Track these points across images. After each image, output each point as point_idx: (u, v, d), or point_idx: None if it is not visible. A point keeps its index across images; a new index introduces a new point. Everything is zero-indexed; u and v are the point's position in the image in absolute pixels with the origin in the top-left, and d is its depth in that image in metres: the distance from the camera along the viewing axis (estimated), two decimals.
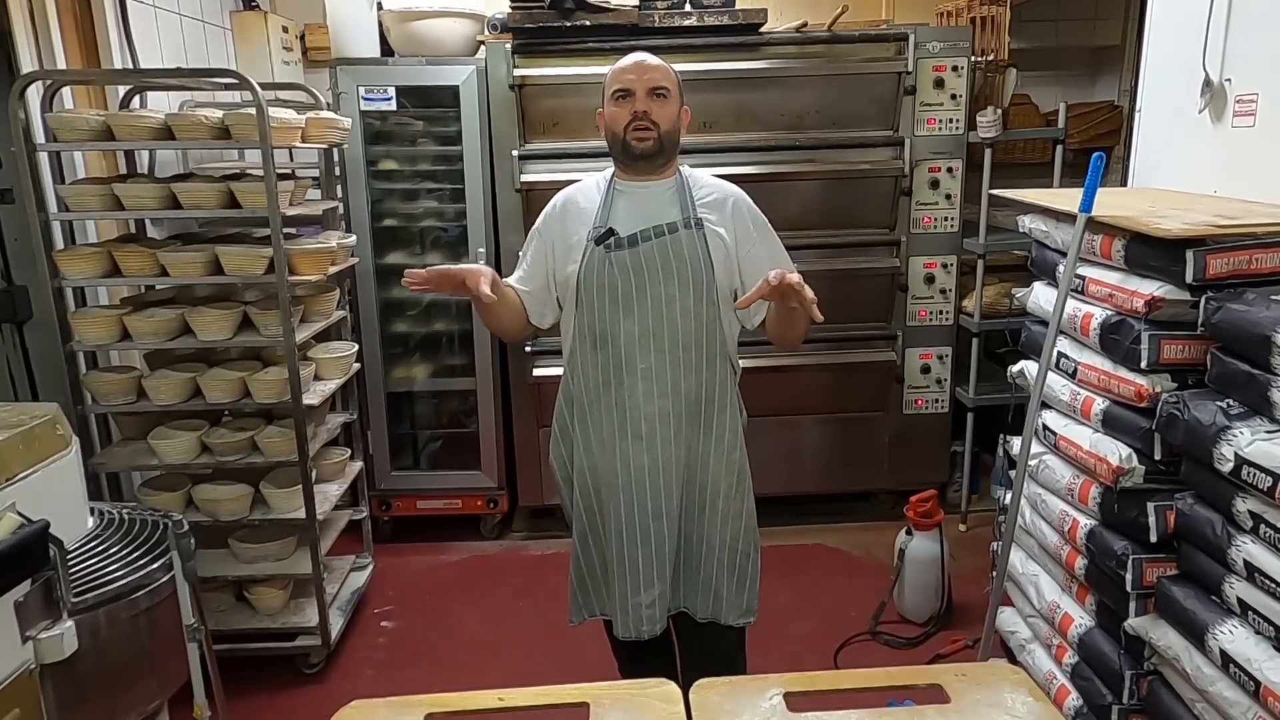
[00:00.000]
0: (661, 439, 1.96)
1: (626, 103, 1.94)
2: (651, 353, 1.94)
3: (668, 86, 1.96)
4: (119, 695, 1.89)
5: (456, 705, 1.33)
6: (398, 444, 3.78)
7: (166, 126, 2.51)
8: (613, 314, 1.95)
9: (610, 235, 1.94)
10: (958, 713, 1.29)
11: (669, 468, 1.97)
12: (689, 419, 1.98)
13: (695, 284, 1.93)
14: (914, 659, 2.89)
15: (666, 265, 1.92)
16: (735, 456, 2.03)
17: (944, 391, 3.72)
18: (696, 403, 1.98)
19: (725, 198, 2.02)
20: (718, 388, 2.00)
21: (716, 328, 1.98)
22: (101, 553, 1.93)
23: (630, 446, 1.98)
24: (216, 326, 2.62)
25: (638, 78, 1.94)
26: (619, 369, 1.97)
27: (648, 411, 1.96)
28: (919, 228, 3.56)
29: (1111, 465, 2.01)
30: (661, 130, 1.94)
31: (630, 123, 1.94)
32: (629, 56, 2.00)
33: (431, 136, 3.66)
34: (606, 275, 1.94)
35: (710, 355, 1.98)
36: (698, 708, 1.29)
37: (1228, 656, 1.68)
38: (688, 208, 1.97)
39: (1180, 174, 2.54)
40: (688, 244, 1.94)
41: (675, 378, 1.95)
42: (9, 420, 1.77)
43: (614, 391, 1.98)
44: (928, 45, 3.40)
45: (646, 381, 1.95)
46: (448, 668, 2.91)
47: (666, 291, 1.93)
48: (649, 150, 1.95)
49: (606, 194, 2.02)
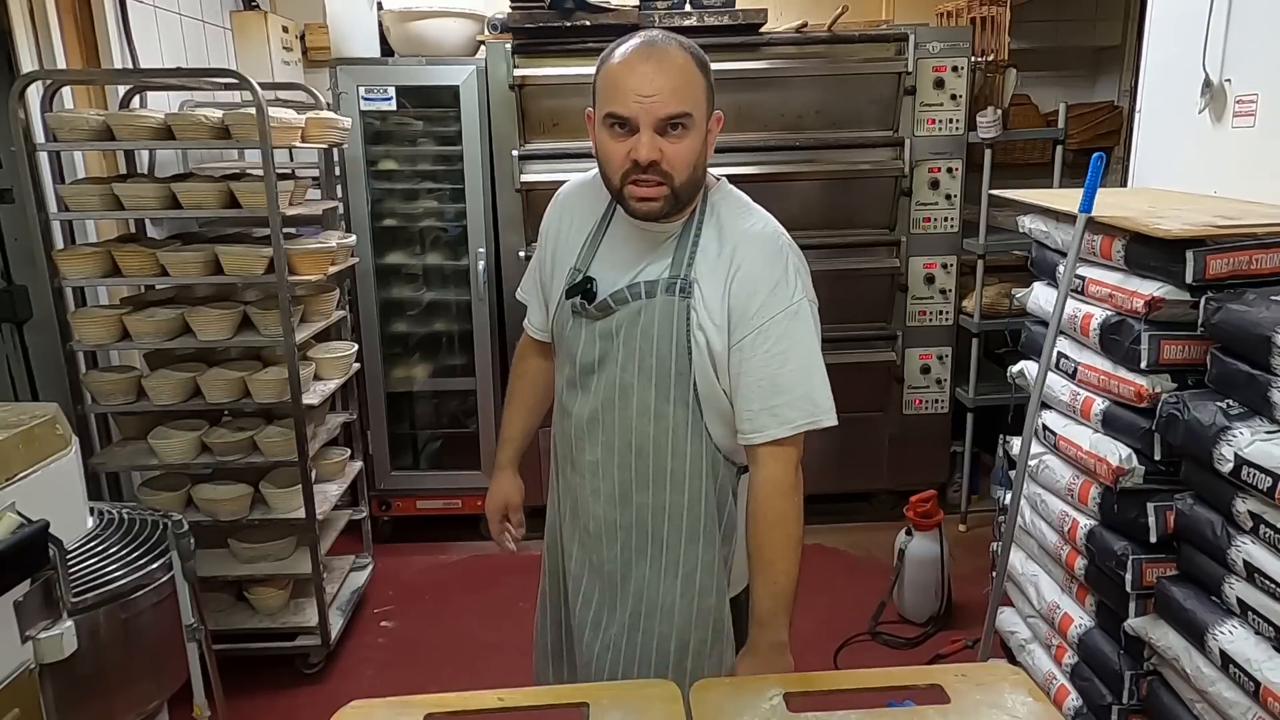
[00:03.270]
0: (609, 553, 1.53)
1: (624, 140, 1.35)
2: (599, 448, 1.50)
3: (688, 112, 1.34)
4: (119, 695, 1.89)
5: (456, 705, 1.33)
6: (398, 444, 3.78)
7: (166, 126, 2.51)
8: (569, 385, 1.55)
9: (584, 287, 1.49)
10: (958, 713, 1.29)
11: (618, 595, 1.53)
12: (649, 543, 1.50)
13: (660, 374, 1.44)
14: (914, 659, 2.89)
15: (630, 343, 1.44)
16: (710, 604, 1.50)
17: (944, 392, 3.72)
18: (657, 528, 1.50)
19: (738, 245, 1.42)
20: (687, 513, 1.48)
21: (687, 433, 1.46)
22: (101, 553, 1.93)
23: (578, 551, 1.58)
24: (216, 326, 2.62)
25: (643, 101, 1.32)
26: (571, 450, 1.56)
27: (595, 513, 1.53)
28: (919, 228, 3.56)
29: (1111, 465, 2.01)
30: (677, 183, 1.36)
31: (628, 173, 1.36)
32: (631, 47, 1.37)
33: (431, 136, 3.66)
34: (571, 339, 1.52)
35: (677, 471, 1.47)
36: (698, 707, 1.29)
37: (1227, 657, 1.68)
38: (681, 262, 1.43)
39: (1180, 174, 2.54)
40: (661, 318, 1.42)
41: (624, 487, 1.49)
42: (9, 420, 1.77)
43: (568, 474, 1.59)
44: (928, 45, 3.40)
45: (594, 478, 1.52)
46: (448, 668, 2.91)
47: (623, 379, 1.46)
48: (654, 213, 1.41)
49: (601, 222, 1.55)
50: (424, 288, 3.75)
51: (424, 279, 3.76)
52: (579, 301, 1.48)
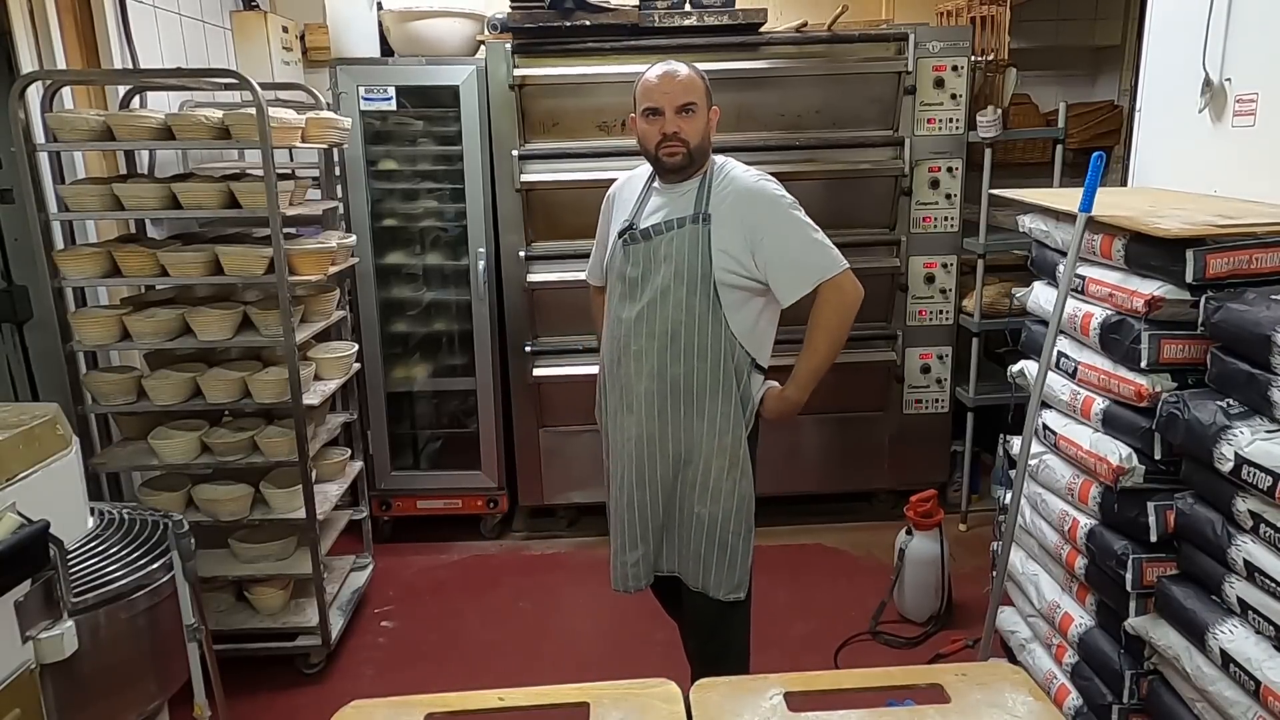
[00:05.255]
0: (647, 415, 2.12)
1: (656, 121, 2.06)
2: (643, 337, 2.11)
3: (695, 102, 2.06)
4: (119, 695, 1.89)
5: (456, 705, 1.33)
6: (398, 444, 3.78)
7: (166, 126, 2.51)
8: (620, 300, 2.16)
9: (630, 229, 2.13)
10: (958, 713, 1.29)
11: (657, 441, 2.13)
12: (682, 401, 2.11)
13: (690, 278, 2.06)
14: (914, 659, 2.89)
15: (669, 258, 2.07)
16: (727, 441, 2.11)
17: (944, 391, 3.72)
18: (688, 388, 2.10)
19: (736, 191, 2.09)
20: (709, 376, 2.09)
21: (709, 320, 2.07)
22: (101, 553, 1.93)
23: (625, 419, 2.17)
24: (216, 326, 2.62)
25: (665, 96, 2.04)
26: (621, 348, 2.16)
27: (638, 390, 2.13)
28: (919, 227, 3.56)
29: (1111, 465, 2.01)
30: (691, 146, 2.07)
31: (660, 142, 2.07)
32: (657, 69, 2.08)
33: (431, 136, 3.66)
34: (622, 265, 2.15)
35: (702, 346, 2.08)
36: (698, 707, 1.29)
37: (1228, 656, 1.68)
38: (701, 203, 2.09)
39: (1180, 174, 2.54)
40: (690, 239, 2.06)
41: (661, 362, 2.10)
42: (9, 420, 1.77)
43: (617, 368, 2.18)
44: (928, 45, 3.40)
45: (638, 362, 2.12)
46: (448, 668, 2.91)
47: (663, 283, 2.08)
48: (679, 164, 2.09)
49: (643, 191, 2.20)
50: (424, 288, 3.75)
51: (424, 279, 3.76)
52: (631, 234, 2.12)
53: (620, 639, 3.01)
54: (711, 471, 2.12)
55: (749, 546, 2.18)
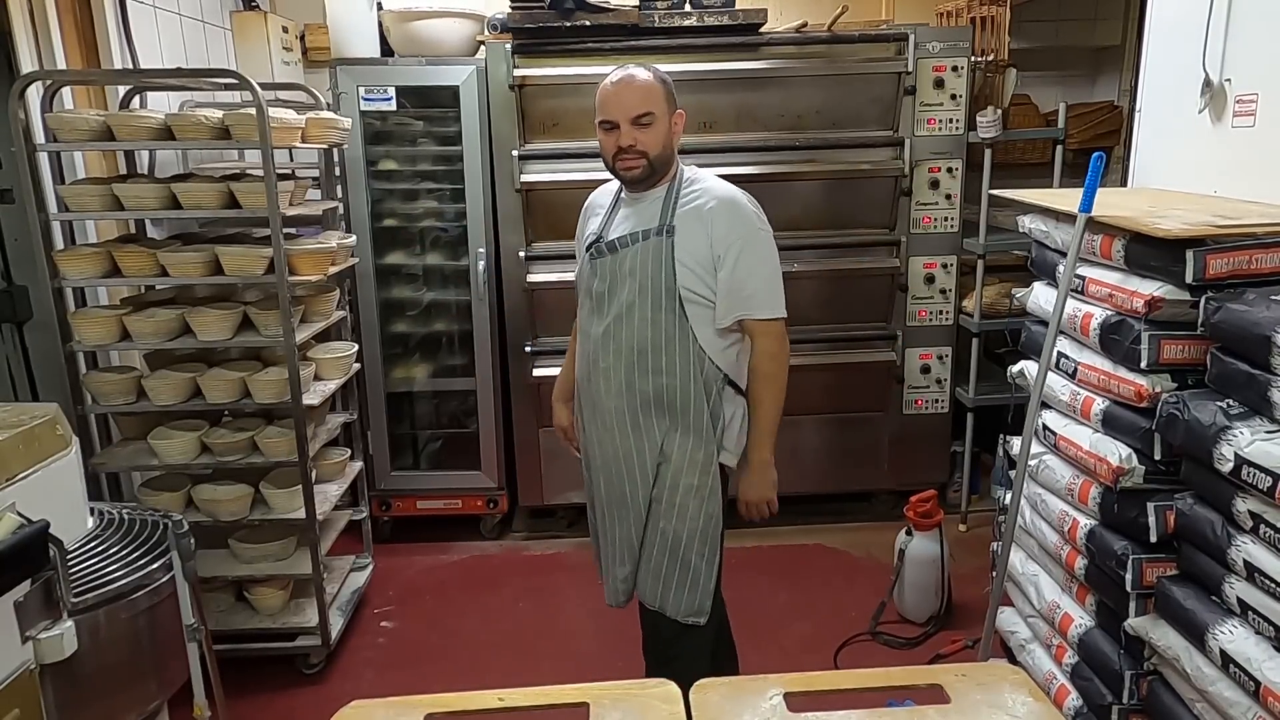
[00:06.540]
0: (619, 431, 2.08)
1: (612, 134, 1.99)
2: (610, 354, 2.06)
3: (651, 111, 1.96)
4: (119, 695, 1.89)
5: (456, 705, 1.33)
6: (398, 444, 3.78)
7: (166, 127, 2.51)
8: (589, 315, 2.12)
9: (597, 241, 2.09)
10: (958, 713, 1.29)
11: (632, 456, 2.08)
12: (654, 416, 2.05)
13: (655, 292, 2.00)
14: (914, 659, 2.89)
15: (634, 272, 2.02)
16: (699, 457, 2.05)
17: (944, 391, 3.72)
18: (658, 403, 2.04)
19: (705, 203, 2.02)
20: (679, 392, 2.03)
21: (676, 335, 2.01)
22: (101, 553, 1.93)
23: (599, 434, 2.14)
24: (216, 327, 2.62)
25: (619, 109, 1.96)
26: (590, 365, 2.12)
27: (607, 406, 2.09)
28: (919, 228, 3.56)
29: (1111, 465, 2.01)
30: (651, 156, 1.99)
31: (617, 154, 2.00)
32: (614, 76, 2.00)
33: (431, 136, 3.66)
34: (589, 280, 2.11)
35: (670, 362, 2.02)
36: (698, 707, 1.29)
37: (1228, 656, 1.68)
38: (666, 214, 2.02)
39: (1180, 174, 2.54)
40: (654, 252, 2.00)
41: (629, 379, 2.05)
42: (9, 420, 1.77)
43: (588, 384, 2.14)
44: (928, 45, 3.40)
45: (606, 380, 2.08)
46: (448, 668, 2.91)
47: (628, 298, 2.02)
48: (638, 177, 2.02)
49: (613, 201, 2.15)
50: (424, 288, 3.75)
51: (424, 279, 3.76)
52: (598, 247, 2.07)
53: (620, 639, 3.01)
54: (679, 488, 2.06)
55: (713, 570, 2.10)
